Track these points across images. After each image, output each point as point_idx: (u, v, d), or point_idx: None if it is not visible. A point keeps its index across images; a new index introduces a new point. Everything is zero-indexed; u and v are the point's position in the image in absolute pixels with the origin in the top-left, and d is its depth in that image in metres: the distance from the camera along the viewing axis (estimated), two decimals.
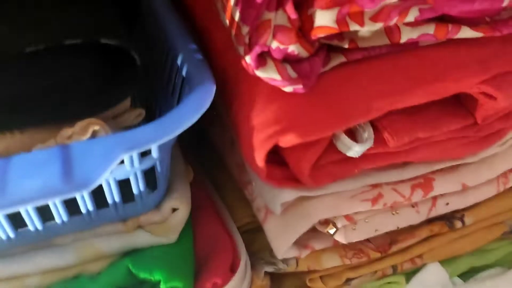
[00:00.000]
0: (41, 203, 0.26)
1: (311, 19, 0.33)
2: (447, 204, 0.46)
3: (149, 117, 0.37)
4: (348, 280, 0.46)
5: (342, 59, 0.37)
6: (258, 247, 0.46)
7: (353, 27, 0.33)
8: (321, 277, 0.46)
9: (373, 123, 0.39)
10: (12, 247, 0.34)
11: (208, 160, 0.53)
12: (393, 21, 0.33)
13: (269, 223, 0.43)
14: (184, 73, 0.35)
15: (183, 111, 0.30)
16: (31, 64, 0.32)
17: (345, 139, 0.37)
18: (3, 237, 0.33)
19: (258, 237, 0.47)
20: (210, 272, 0.36)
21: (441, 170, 0.45)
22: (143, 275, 0.34)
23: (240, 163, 0.47)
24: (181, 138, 0.47)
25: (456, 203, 0.47)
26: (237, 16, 0.31)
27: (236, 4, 0.31)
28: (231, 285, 0.37)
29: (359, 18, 0.32)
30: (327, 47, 0.37)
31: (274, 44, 0.32)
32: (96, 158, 0.27)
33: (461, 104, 0.41)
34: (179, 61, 0.36)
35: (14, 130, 0.31)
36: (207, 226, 0.41)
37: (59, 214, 0.33)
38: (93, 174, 0.26)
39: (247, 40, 0.32)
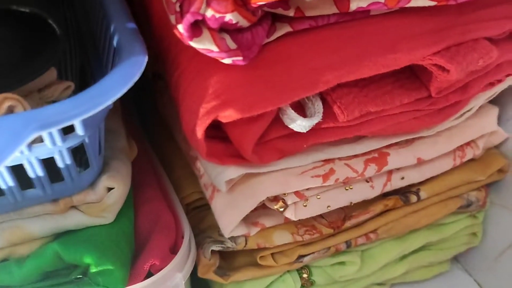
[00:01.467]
0: None
1: None
2: (403, 178, 0.45)
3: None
4: (300, 257, 0.45)
5: (287, 28, 0.35)
6: (206, 225, 0.45)
7: None
8: (272, 254, 0.44)
9: (322, 96, 0.37)
10: None
11: (158, 129, 0.50)
12: None
13: (216, 201, 0.41)
14: (115, 43, 0.32)
15: (106, 85, 0.28)
16: None
17: (292, 113, 0.35)
18: None
19: (206, 215, 0.46)
20: (148, 253, 0.35)
21: (396, 144, 0.43)
22: (72, 258, 0.32)
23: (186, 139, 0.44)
24: (129, 107, 0.45)
25: (412, 177, 0.45)
26: None
27: None
28: (171, 266, 0.35)
29: None
30: (272, 16, 0.34)
31: (209, 13, 0.30)
32: (4, 136, 0.24)
33: (415, 76, 0.39)
34: (111, 30, 0.33)
35: None
36: (150, 203, 0.39)
37: None
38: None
39: (177, 8, 0.29)
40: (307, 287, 0.48)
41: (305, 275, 0.47)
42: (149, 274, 0.36)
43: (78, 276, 0.34)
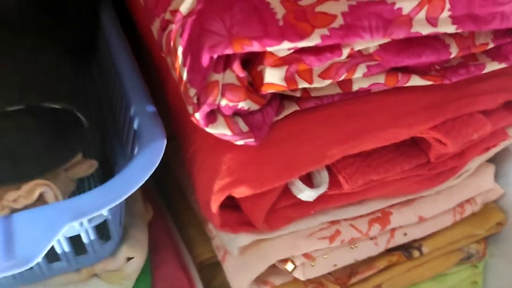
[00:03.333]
0: None
1: (261, 75, 0.33)
2: (405, 234, 0.47)
3: (107, 164, 0.37)
4: None
5: (295, 107, 0.37)
6: (218, 283, 0.47)
7: (302, 84, 0.33)
8: None
9: (328, 166, 0.39)
10: None
11: (170, 193, 0.53)
12: (342, 77, 0.33)
13: (228, 262, 0.43)
14: (135, 126, 0.35)
15: (130, 174, 0.30)
16: None
17: (300, 184, 0.38)
18: None
19: (218, 273, 0.47)
20: None
21: (398, 203, 0.46)
22: None
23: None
24: None
25: (414, 233, 0.48)
26: (184, 76, 0.31)
27: (183, 65, 0.31)
28: None
29: (307, 75, 0.33)
30: (280, 96, 0.37)
31: (224, 102, 0.32)
32: (40, 229, 0.27)
33: (415, 143, 0.42)
34: (131, 113, 0.36)
35: None
36: (165, 266, 0.42)
37: None
38: (35, 249, 0.26)
39: (195, 101, 0.32)
40: None
41: None
42: None
43: None
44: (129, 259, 0.38)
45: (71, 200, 0.28)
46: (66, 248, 0.33)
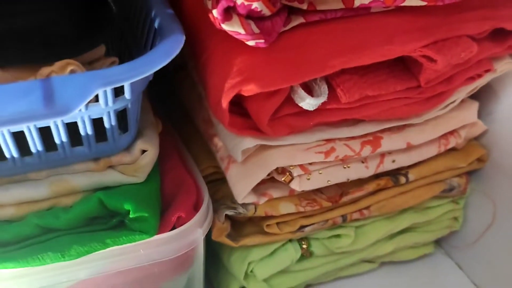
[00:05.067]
0: (24, 124, 0.29)
1: None
2: (394, 161, 0.51)
3: None
4: (302, 227, 0.50)
5: (301, 20, 0.41)
6: (221, 195, 0.50)
7: None
8: (277, 224, 0.50)
9: (328, 81, 0.43)
10: None
11: (177, 116, 0.56)
12: None
13: (231, 171, 0.47)
14: (156, 25, 0.38)
15: (154, 56, 0.34)
16: (13, 7, 0.34)
17: (301, 92, 0.41)
18: None
19: (221, 187, 0.51)
20: (175, 208, 0.40)
21: (389, 129, 0.49)
22: (114, 205, 0.37)
23: (206, 118, 0.50)
24: (154, 94, 0.51)
25: (402, 161, 0.52)
26: None
27: None
28: (193, 221, 0.40)
29: None
30: (288, 9, 0.41)
31: (239, 0, 0.36)
32: (75, 89, 0.30)
33: (407, 68, 0.46)
34: (152, 15, 0.39)
35: None
36: (174, 171, 0.45)
37: (36, 147, 0.36)
38: (72, 102, 0.29)
39: None
40: (306, 257, 0.53)
41: (304, 246, 0.53)
42: (173, 229, 0.41)
43: (116, 223, 0.39)
44: (143, 152, 0.41)
45: (102, 70, 0.31)
46: (90, 130, 0.37)
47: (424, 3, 0.41)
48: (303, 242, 0.53)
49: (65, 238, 0.37)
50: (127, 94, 0.35)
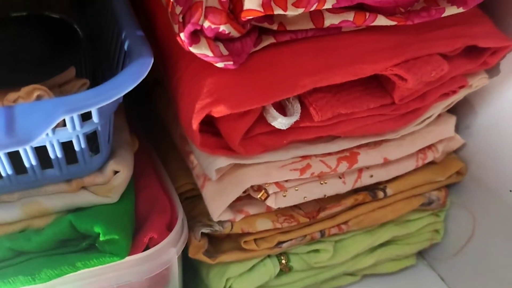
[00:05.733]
0: None
1: (241, 2, 0.37)
2: (371, 176, 0.51)
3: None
4: (279, 243, 0.50)
5: (271, 40, 0.41)
6: (197, 212, 0.50)
7: (277, 11, 0.37)
8: (254, 240, 0.50)
9: (301, 99, 0.43)
10: None
11: (156, 131, 0.56)
12: (313, 7, 0.37)
13: (207, 188, 0.47)
14: (126, 47, 0.38)
15: (120, 80, 0.34)
16: None
17: (273, 111, 0.41)
18: None
19: (197, 204, 0.51)
20: (148, 228, 0.40)
21: (366, 145, 0.50)
22: (84, 228, 0.38)
23: (183, 135, 0.50)
24: (132, 112, 0.51)
25: (379, 176, 0.52)
26: None
27: None
28: (166, 241, 0.41)
29: (282, 3, 0.36)
30: (258, 30, 0.41)
31: (206, 24, 0.36)
32: (38, 117, 0.30)
33: (381, 86, 0.46)
34: (122, 37, 0.39)
35: None
36: (148, 189, 0.45)
37: (6, 171, 0.36)
38: (34, 131, 0.29)
39: (180, 19, 0.35)
40: (285, 272, 0.53)
41: (283, 261, 0.53)
42: (146, 249, 0.41)
43: (87, 246, 0.39)
44: (115, 173, 0.41)
45: (67, 97, 0.32)
46: (59, 153, 0.37)
47: (394, 23, 0.41)
48: (282, 257, 0.53)
49: (35, 261, 0.37)
50: (95, 118, 0.35)
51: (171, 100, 0.49)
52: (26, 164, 0.37)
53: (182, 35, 0.36)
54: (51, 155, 0.37)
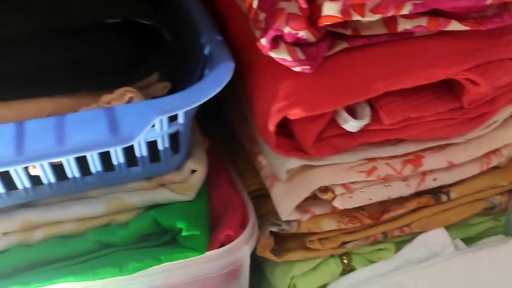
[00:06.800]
0: (92, 152, 0.32)
1: (319, 8, 0.38)
2: (435, 179, 0.52)
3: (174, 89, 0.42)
4: (343, 244, 0.52)
5: (345, 45, 0.42)
6: (265, 211, 0.52)
7: (355, 17, 0.38)
8: (319, 240, 0.51)
9: (371, 103, 0.44)
10: (53, 196, 0.40)
11: (224, 132, 0.58)
12: (390, 13, 0.38)
13: (276, 189, 0.48)
14: (206, 51, 0.40)
15: (205, 85, 0.36)
16: (77, 39, 0.37)
17: (345, 115, 0.42)
18: (47, 188, 0.38)
19: (265, 203, 0.53)
20: (224, 226, 0.42)
21: (431, 148, 0.50)
22: (167, 223, 0.40)
23: (251, 135, 0.52)
24: (201, 113, 0.53)
25: (443, 179, 0.52)
26: (255, 4, 0.36)
27: None
28: (241, 238, 0.42)
29: (360, 9, 0.38)
30: (332, 34, 0.42)
31: (286, 29, 0.37)
32: (136, 118, 0.32)
33: (450, 89, 0.46)
34: (202, 42, 0.41)
35: (62, 95, 0.36)
36: (221, 189, 0.47)
37: (96, 167, 0.38)
38: (134, 131, 0.32)
39: (263, 25, 0.37)
40: (347, 272, 0.54)
41: (345, 261, 0.54)
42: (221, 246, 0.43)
43: (167, 241, 0.41)
44: (192, 172, 0.43)
45: (160, 99, 0.34)
46: (145, 152, 0.39)
47: (466, 28, 0.41)
48: (344, 257, 0.54)
49: (121, 254, 0.39)
50: (180, 119, 0.37)
51: (242, 103, 0.51)
52: (114, 162, 0.39)
53: (263, 40, 0.38)
54: (137, 154, 0.39)
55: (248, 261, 0.44)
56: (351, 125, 0.43)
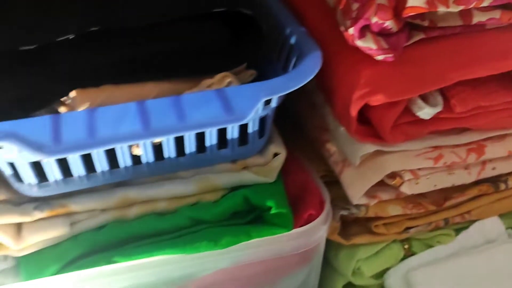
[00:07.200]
0: (210, 129, 0.35)
1: (404, 0, 0.40)
2: (494, 168, 0.54)
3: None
4: (407, 229, 0.54)
5: (421, 35, 0.45)
6: (333, 196, 0.54)
7: (440, 8, 0.40)
8: (384, 225, 0.53)
9: (442, 92, 0.47)
10: (148, 176, 0.43)
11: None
12: (472, 5, 0.40)
13: (346, 174, 0.51)
14: (292, 42, 0.43)
15: (301, 71, 0.38)
16: (177, 29, 0.40)
17: (420, 102, 0.45)
18: (144, 167, 0.41)
19: (331, 189, 0.55)
20: (306, 206, 0.45)
21: (491, 138, 0.52)
22: (257, 201, 0.42)
23: (319, 125, 0.54)
24: None
25: (502, 168, 0.54)
26: None
27: None
28: (320, 218, 0.45)
29: (445, 0, 0.40)
30: (410, 26, 0.44)
31: (374, 20, 0.40)
32: (246, 99, 0.35)
33: None
34: (286, 33, 0.44)
35: (165, 80, 0.39)
36: (294, 173, 0.49)
37: (190, 149, 0.41)
38: (246, 110, 0.34)
39: (354, 15, 0.39)
40: (407, 257, 0.56)
41: (406, 246, 0.56)
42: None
43: (252, 219, 0.44)
44: (274, 155, 0.45)
45: (266, 82, 0.36)
46: (236, 134, 0.41)
47: None
48: (405, 243, 0.56)
49: (215, 230, 0.42)
50: (274, 103, 0.40)
51: (312, 93, 0.53)
52: (207, 144, 0.41)
53: (351, 29, 0.40)
54: (228, 136, 0.41)
55: (324, 242, 0.46)
56: (426, 112, 0.45)
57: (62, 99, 0.36)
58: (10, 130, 0.31)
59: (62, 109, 0.37)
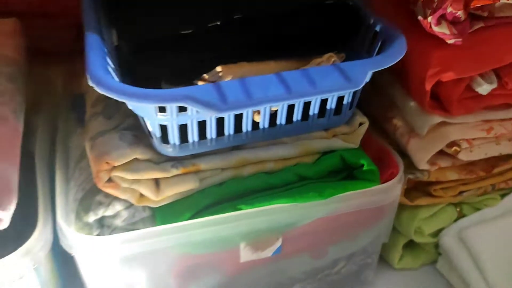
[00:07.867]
0: (332, 94, 0.43)
1: None
2: None
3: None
4: (461, 193, 0.63)
5: (481, 24, 0.54)
6: None
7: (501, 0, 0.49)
8: (442, 189, 0.62)
9: (496, 72, 0.56)
10: (261, 140, 0.51)
11: None
12: None
13: (412, 143, 0.59)
14: (377, 29, 0.52)
15: (393, 52, 0.47)
16: (298, 17, 0.49)
17: (480, 79, 0.54)
18: (260, 132, 0.49)
19: None
20: (387, 166, 0.53)
21: None
22: (353, 160, 0.51)
23: (384, 104, 0.63)
24: None
25: None
26: None
27: None
28: (398, 176, 0.53)
29: None
30: (471, 16, 0.53)
31: (449, 9, 0.49)
32: (358, 71, 0.43)
33: None
34: (371, 22, 0.53)
35: (283, 59, 0.48)
36: (371, 143, 0.58)
37: (297, 117, 0.49)
38: (359, 80, 0.43)
39: (435, 5, 0.48)
40: (459, 218, 0.65)
41: (458, 209, 0.65)
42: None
43: (343, 177, 0.53)
44: (359, 124, 0.54)
45: (370, 59, 0.45)
46: (333, 105, 0.50)
47: None
48: (457, 206, 0.65)
49: (318, 184, 0.51)
50: (368, 78, 0.48)
51: (380, 74, 0.62)
52: (310, 113, 0.50)
53: (430, 18, 0.49)
54: (328, 106, 0.50)
55: (398, 200, 0.55)
56: (484, 88, 0.54)
57: (209, 73, 0.45)
58: (188, 94, 0.40)
59: (208, 80, 0.45)
